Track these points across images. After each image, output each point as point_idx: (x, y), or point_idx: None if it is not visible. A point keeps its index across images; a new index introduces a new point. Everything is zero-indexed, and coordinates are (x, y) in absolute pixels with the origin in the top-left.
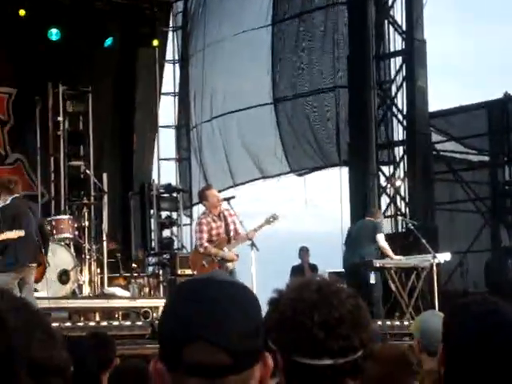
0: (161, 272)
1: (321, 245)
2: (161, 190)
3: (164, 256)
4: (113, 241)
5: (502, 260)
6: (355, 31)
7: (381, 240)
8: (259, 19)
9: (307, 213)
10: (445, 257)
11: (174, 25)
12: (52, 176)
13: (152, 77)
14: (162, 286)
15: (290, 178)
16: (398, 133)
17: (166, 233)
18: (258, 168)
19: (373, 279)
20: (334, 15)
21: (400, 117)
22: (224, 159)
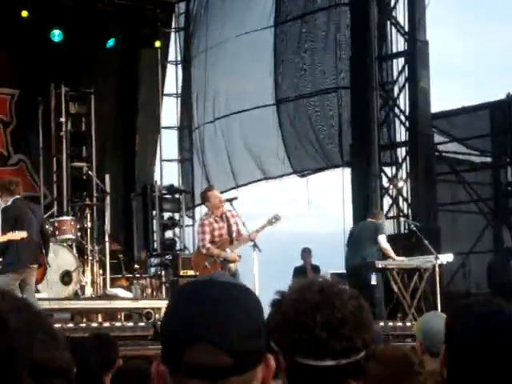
0: (163, 273)
1: (323, 246)
2: (163, 191)
3: (166, 257)
4: (115, 242)
5: (505, 261)
6: (357, 32)
7: (382, 241)
8: (261, 20)
9: (310, 214)
10: (447, 258)
11: (176, 26)
12: (54, 177)
13: (154, 78)
14: (164, 287)
15: (292, 179)
16: (401, 134)
17: (168, 234)
18: (260, 169)
19: (374, 280)
20: (336, 16)
21: (402, 118)
22: (226, 160)
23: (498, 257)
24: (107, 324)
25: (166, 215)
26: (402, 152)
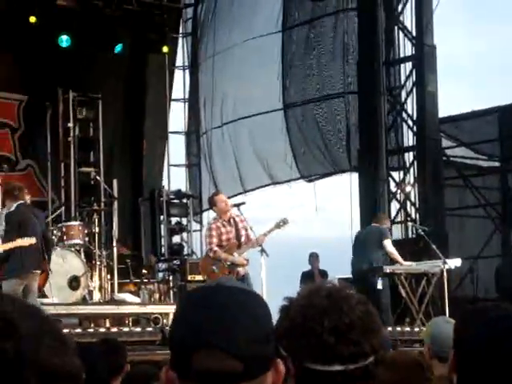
0: (171, 278)
1: (331, 251)
2: (171, 196)
3: (174, 262)
4: (124, 246)
5: None
6: (365, 37)
7: (388, 245)
8: (269, 25)
9: (317, 219)
10: (455, 262)
11: (183, 31)
12: (62, 182)
13: (162, 83)
14: (172, 292)
15: (299, 183)
16: (408, 138)
17: (175, 239)
18: (267, 174)
19: (380, 285)
20: (343, 21)
21: (410, 122)
22: (234, 165)
23: (506, 261)
24: (115, 329)
25: (174, 220)
26: (409, 157)
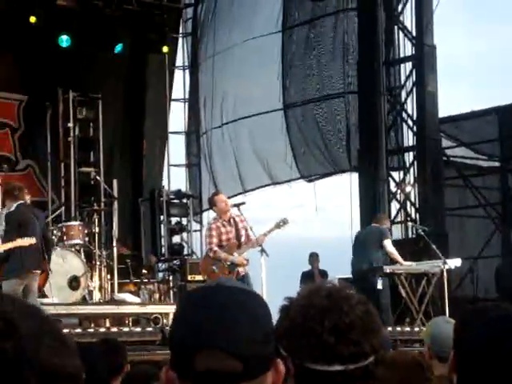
0: (171, 278)
1: (331, 251)
2: (171, 196)
3: (174, 262)
4: (124, 246)
5: None
6: (365, 37)
7: (388, 245)
8: (269, 25)
9: (317, 219)
10: (455, 263)
11: (183, 31)
12: (62, 182)
13: (162, 83)
14: (172, 292)
15: (299, 183)
16: (408, 138)
17: (175, 239)
18: (267, 174)
19: (380, 285)
20: (343, 21)
21: (410, 122)
22: (234, 165)
23: (506, 261)
24: (115, 329)
25: (174, 220)
26: (409, 157)
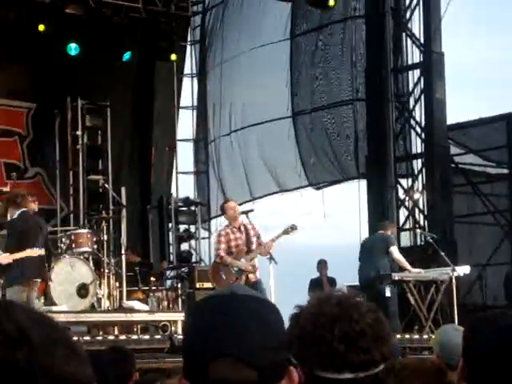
0: (179, 285)
1: (339, 258)
2: (179, 204)
3: (182, 269)
4: (135, 253)
5: None
6: (373, 44)
7: (395, 252)
8: (277, 33)
9: (325, 226)
10: (464, 270)
11: (192, 39)
12: (71, 190)
13: (170, 91)
14: (180, 300)
15: (308, 191)
16: (417, 145)
17: (184, 246)
18: (276, 182)
19: (389, 292)
20: (351, 29)
21: (418, 129)
22: (242, 173)
23: None
24: (123, 337)
25: (182, 227)
26: (417, 164)
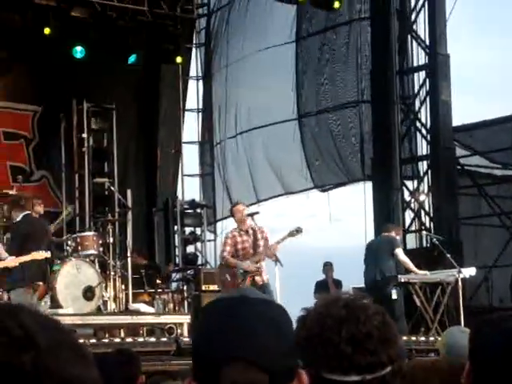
0: (185, 288)
1: (345, 260)
2: (185, 206)
3: (188, 272)
4: (141, 255)
5: None
6: (378, 46)
7: (400, 254)
8: (283, 36)
9: (331, 228)
10: (470, 272)
11: (197, 41)
12: (77, 193)
13: (176, 93)
14: (186, 302)
15: (313, 193)
16: (422, 147)
17: (189, 249)
18: (281, 184)
19: (395, 294)
20: (357, 31)
21: (424, 131)
22: (248, 175)
23: None
24: (129, 339)
25: (188, 230)
26: (423, 165)
